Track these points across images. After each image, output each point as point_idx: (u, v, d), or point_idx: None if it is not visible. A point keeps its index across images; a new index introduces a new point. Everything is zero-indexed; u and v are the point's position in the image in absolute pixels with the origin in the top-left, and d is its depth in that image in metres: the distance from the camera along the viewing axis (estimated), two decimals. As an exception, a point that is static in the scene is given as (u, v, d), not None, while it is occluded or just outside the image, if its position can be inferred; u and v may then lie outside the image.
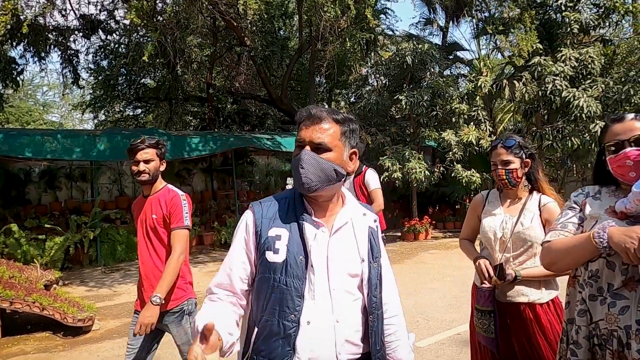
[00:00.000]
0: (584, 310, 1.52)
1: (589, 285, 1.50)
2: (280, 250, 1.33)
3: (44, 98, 26.57)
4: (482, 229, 2.31)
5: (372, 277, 1.41)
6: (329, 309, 1.33)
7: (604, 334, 1.45)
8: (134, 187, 11.22)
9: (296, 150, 1.40)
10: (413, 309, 5.15)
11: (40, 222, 8.94)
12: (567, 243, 1.50)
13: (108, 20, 11.37)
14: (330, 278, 1.35)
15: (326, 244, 1.37)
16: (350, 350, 1.36)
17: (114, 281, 7.55)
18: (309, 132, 1.37)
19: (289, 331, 1.29)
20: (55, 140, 8.74)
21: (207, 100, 14.67)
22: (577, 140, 9.69)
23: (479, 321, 2.21)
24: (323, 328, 1.32)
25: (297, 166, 1.34)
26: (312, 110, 1.39)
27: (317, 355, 1.31)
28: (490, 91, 10.72)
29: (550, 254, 1.55)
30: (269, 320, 1.32)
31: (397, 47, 12.18)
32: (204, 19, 10.77)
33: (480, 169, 10.53)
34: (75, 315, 4.77)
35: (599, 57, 10.23)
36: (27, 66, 11.65)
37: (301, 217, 1.38)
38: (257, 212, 1.41)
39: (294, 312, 1.30)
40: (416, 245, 10.09)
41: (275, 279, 1.32)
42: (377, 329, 1.40)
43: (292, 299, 1.31)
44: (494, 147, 2.28)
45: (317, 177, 1.34)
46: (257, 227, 1.38)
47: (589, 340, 1.50)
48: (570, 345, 1.56)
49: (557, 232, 1.57)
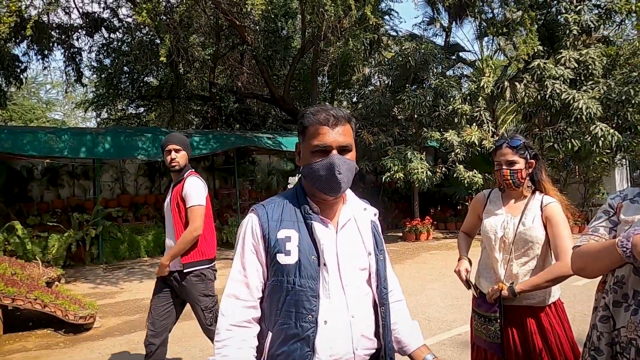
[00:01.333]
0: (606, 316, 1.48)
1: (614, 291, 1.45)
2: (292, 252, 1.32)
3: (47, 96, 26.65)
4: (483, 228, 2.29)
5: (380, 269, 1.43)
6: (344, 306, 1.34)
7: (623, 341, 1.40)
8: (136, 186, 11.25)
9: (319, 154, 1.34)
10: (414, 309, 5.15)
11: (42, 220, 8.98)
12: (595, 248, 1.44)
13: (111, 18, 11.39)
14: (341, 274, 1.35)
15: (334, 240, 1.37)
16: (366, 345, 1.37)
17: (116, 279, 7.57)
18: (334, 136, 1.34)
19: (307, 332, 1.29)
20: (58, 138, 8.76)
21: (209, 99, 14.69)
22: (578, 142, 9.67)
23: (482, 326, 2.18)
24: (340, 325, 1.32)
25: (333, 172, 1.32)
26: (330, 111, 1.36)
27: (336, 353, 1.31)
28: (493, 92, 10.71)
29: (579, 259, 1.49)
30: (285, 323, 1.31)
31: (401, 47, 12.17)
32: (207, 18, 10.79)
33: (482, 169, 10.52)
34: (76, 313, 4.78)
35: (600, 58, 10.20)
36: (30, 64, 11.66)
37: (308, 216, 1.37)
38: (262, 215, 1.38)
39: (311, 312, 1.30)
40: (417, 246, 10.08)
41: (289, 281, 1.31)
42: (387, 321, 1.43)
43: (307, 299, 1.30)
44: (498, 146, 2.24)
45: (349, 180, 1.36)
46: (264, 231, 1.35)
47: (611, 348, 1.46)
48: (591, 351, 1.52)
49: (587, 236, 1.51)
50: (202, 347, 4.35)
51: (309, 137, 1.37)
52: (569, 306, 2.24)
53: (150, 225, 10.06)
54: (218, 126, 15.06)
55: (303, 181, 1.44)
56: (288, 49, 14.24)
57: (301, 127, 1.40)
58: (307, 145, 1.38)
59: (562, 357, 2.08)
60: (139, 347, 4.44)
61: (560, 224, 2.13)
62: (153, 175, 11.42)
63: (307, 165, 1.37)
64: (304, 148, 1.40)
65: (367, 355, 1.37)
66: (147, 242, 9.39)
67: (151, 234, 9.55)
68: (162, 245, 9.63)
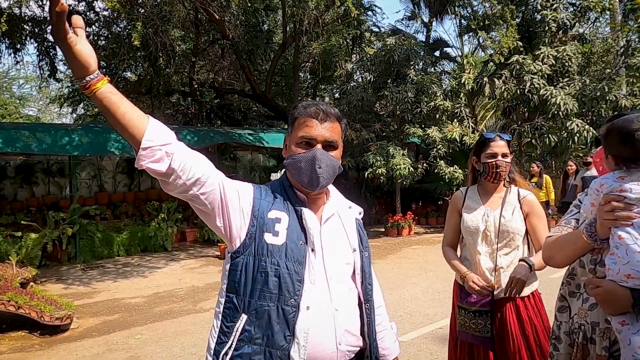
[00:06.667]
0: (564, 306, 1.58)
1: (568, 283, 1.58)
2: (280, 234, 1.31)
3: (20, 91, 25.86)
4: (464, 223, 2.32)
5: (364, 265, 1.43)
6: (327, 297, 1.32)
7: (575, 327, 1.50)
8: (114, 183, 11.00)
9: (303, 146, 1.36)
10: (396, 304, 5.18)
11: (16, 219, 8.70)
12: (561, 239, 1.55)
13: (87, 11, 11.07)
14: (326, 267, 1.35)
15: (319, 232, 1.37)
16: (350, 341, 1.35)
17: (93, 278, 7.40)
18: (320, 130, 1.36)
19: (288, 316, 1.27)
20: (32, 134, 8.49)
21: (189, 94, 14.46)
22: (555, 138, 9.88)
23: (472, 321, 2.19)
24: (323, 315, 1.30)
25: (314, 165, 1.33)
26: (321, 106, 1.37)
27: (318, 342, 1.28)
28: (473, 88, 10.85)
29: (546, 248, 1.61)
30: (264, 305, 1.27)
31: (383, 43, 12.20)
32: (185, 10, 10.60)
33: (463, 165, 10.66)
34: (52, 314, 4.65)
35: (576, 55, 10.43)
36: (2, 58, 11.27)
37: (297, 204, 1.37)
38: (257, 192, 1.37)
39: (294, 296, 1.27)
40: (399, 241, 10.17)
41: (273, 262, 1.28)
42: (372, 318, 1.43)
43: (292, 282, 1.28)
44: (490, 139, 2.27)
45: (329, 176, 1.37)
46: (254, 205, 1.33)
47: (569, 336, 1.54)
48: (553, 340, 1.61)
49: (560, 227, 1.62)
50: (182, 346, 4.30)
51: (297, 129, 1.38)
52: (546, 298, 2.29)
53: (129, 223, 9.86)
54: (199, 122, 14.84)
55: (287, 173, 1.43)
56: (269, 43, 14.12)
57: (291, 118, 1.42)
58: (294, 136, 1.39)
59: (538, 347, 2.13)
60: (118, 347, 4.35)
61: (540, 216, 2.24)
62: (132, 173, 11.18)
63: (291, 156, 1.38)
64: (290, 139, 1.41)
65: (350, 352, 1.35)
66: (122, 240, 9.18)
67: (127, 231, 9.34)
68: (139, 243, 9.47)
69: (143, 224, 9.82)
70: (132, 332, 4.79)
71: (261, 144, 11.46)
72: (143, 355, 4.14)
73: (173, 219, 9.98)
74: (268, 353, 1.25)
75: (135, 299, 6.08)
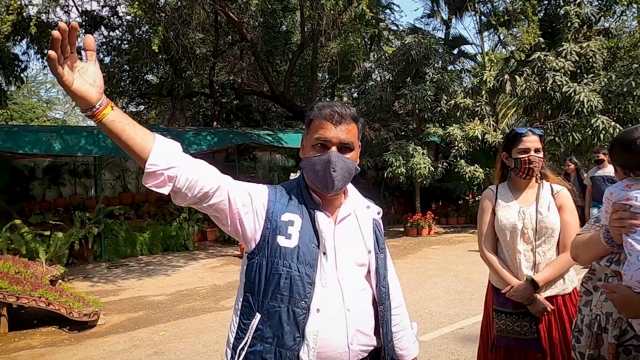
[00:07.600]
0: (589, 301, 1.61)
1: (589, 279, 1.63)
2: (293, 236, 1.33)
3: (48, 95, 26.68)
4: (498, 222, 2.22)
5: (379, 267, 1.43)
6: (339, 298, 1.33)
7: (593, 318, 1.55)
8: (137, 184, 11.25)
9: (319, 148, 1.37)
10: (416, 304, 5.16)
11: (44, 218, 8.99)
12: (588, 240, 1.59)
13: (111, 16, 11.37)
14: (338, 268, 1.35)
15: (332, 233, 1.38)
16: (362, 340, 1.35)
17: (118, 276, 7.60)
18: (336, 132, 1.35)
19: (298, 318, 1.29)
20: (59, 137, 8.77)
21: (209, 96, 14.67)
22: (579, 135, 9.64)
23: (515, 324, 2.12)
24: (334, 316, 1.31)
25: (328, 168, 1.33)
26: (336, 108, 1.37)
27: (328, 343, 1.30)
28: (494, 86, 10.68)
29: (574, 247, 1.67)
30: (275, 306, 1.30)
31: (402, 42, 12.12)
32: (205, 14, 10.76)
33: (483, 164, 10.51)
34: (80, 310, 4.81)
35: (601, 50, 10.15)
36: (30, 63, 11.67)
37: (311, 206, 1.39)
38: (272, 194, 1.39)
39: (305, 299, 1.29)
40: (419, 241, 10.09)
41: (285, 265, 1.30)
42: (387, 319, 1.42)
43: (303, 285, 1.30)
44: (522, 134, 2.20)
45: (345, 178, 1.37)
46: (269, 207, 1.36)
47: (589, 328, 1.57)
48: (575, 332, 1.64)
49: (589, 225, 1.66)
50: (205, 342, 4.38)
51: (312, 131, 1.39)
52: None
53: (152, 223, 10.08)
54: (219, 123, 15.03)
55: (304, 174, 1.45)
56: (287, 44, 14.20)
57: (307, 120, 1.43)
58: (309, 138, 1.40)
59: None
60: (142, 343, 4.47)
61: (572, 212, 2.19)
62: (154, 173, 11.41)
63: (306, 158, 1.40)
64: (307, 141, 1.42)
65: (363, 352, 1.36)
66: (145, 239, 9.39)
67: (150, 231, 9.55)
68: (162, 242, 9.67)
69: (165, 223, 10.03)
70: (156, 328, 4.91)
71: (280, 144, 11.55)
72: (167, 351, 4.24)
73: (194, 219, 10.15)
74: (278, 352, 1.28)
75: (159, 297, 6.22)
